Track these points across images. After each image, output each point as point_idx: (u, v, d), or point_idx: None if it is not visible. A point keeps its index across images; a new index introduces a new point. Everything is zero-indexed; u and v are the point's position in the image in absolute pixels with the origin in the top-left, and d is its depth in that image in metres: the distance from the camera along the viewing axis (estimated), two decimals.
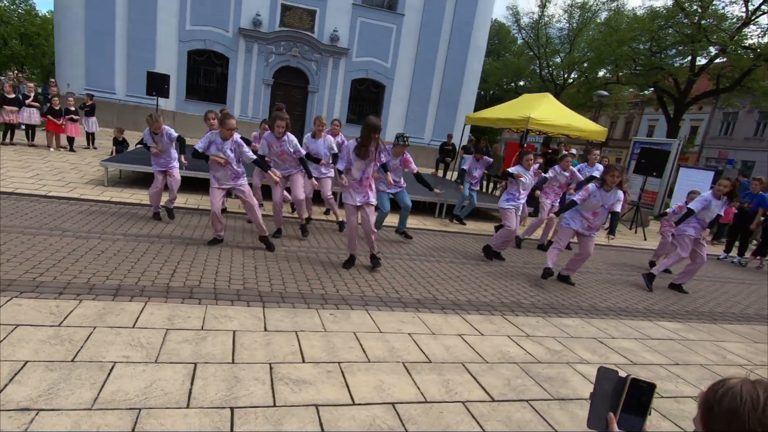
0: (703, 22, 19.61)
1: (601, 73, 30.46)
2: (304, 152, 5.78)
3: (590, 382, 3.28)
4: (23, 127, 9.63)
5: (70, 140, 10.01)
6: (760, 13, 19.24)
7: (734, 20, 19.78)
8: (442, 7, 20.49)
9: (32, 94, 9.62)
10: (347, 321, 3.67)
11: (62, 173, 7.60)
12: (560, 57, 33.31)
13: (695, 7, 19.91)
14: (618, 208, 5.23)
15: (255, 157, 5.14)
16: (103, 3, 15.92)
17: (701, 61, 22.02)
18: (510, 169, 6.45)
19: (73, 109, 9.95)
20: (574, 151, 13.41)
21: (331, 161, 6.52)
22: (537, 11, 33.34)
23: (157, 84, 11.04)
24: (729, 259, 9.84)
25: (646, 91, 29.19)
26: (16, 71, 15.61)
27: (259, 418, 2.31)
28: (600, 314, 4.88)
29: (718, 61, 21.60)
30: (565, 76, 33.31)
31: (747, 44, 19.69)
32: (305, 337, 3.27)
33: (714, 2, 19.83)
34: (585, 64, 29.19)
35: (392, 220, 7.26)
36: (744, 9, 19.71)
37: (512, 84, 39.62)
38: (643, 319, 4.97)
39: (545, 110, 11.51)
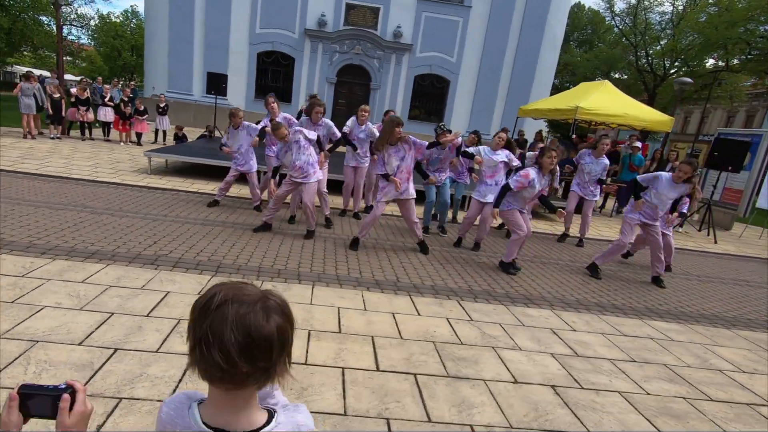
0: None
1: (710, 62, 27.32)
2: (339, 134, 6.35)
3: (506, 367, 3.16)
4: (97, 125, 11.14)
5: (138, 135, 11.39)
6: None
7: None
8: None
9: (108, 95, 11.09)
10: (285, 292, 3.86)
11: (118, 163, 8.70)
12: (661, 45, 30.21)
13: None
14: (546, 192, 5.26)
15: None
16: (185, 14, 17.72)
17: None
18: (470, 149, 6.14)
19: (142, 108, 11.29)
20: (638, 144, 12.31)
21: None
22: None
23: (216, 83, 12.08)
24: None
25: (766, 81, 25.60)
26: (84, 78, 17.88)
27: (134, 359, 2.60)
28: (580, 308, 4.55)
29: None
30: (666, 65, 30.17)
31: None
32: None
33: None
34: (690, 51, 26.19)
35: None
36: None
37: (604, 77, 36.71)
38: (634, 317, 4.54)
39: (598, 98, 10.73)
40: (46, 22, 23.99)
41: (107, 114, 11.04)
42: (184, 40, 17.96)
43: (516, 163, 6.15)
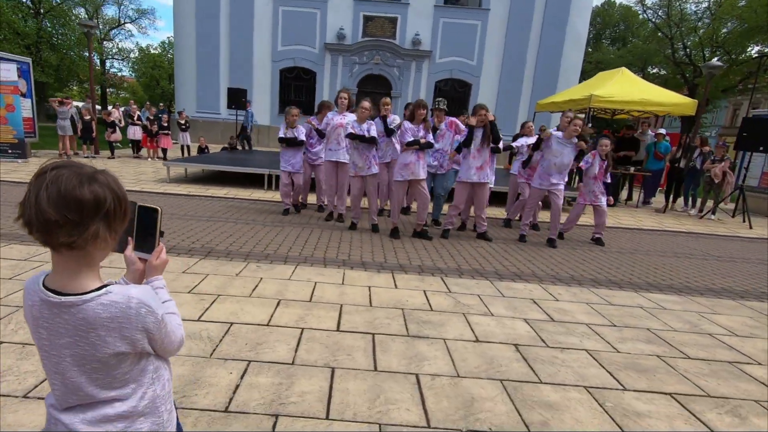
0: None
1: (754, 49, 25.99)
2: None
3: (472, 329, 3.16)
4: (116, 144, 11.89)
5: (164, 151, 12.07)
6: None
7: None
8: None
9: (136, 115, 11.87)
10: (267, 271, 4.02)
11: (142, 174, 9.25)
12: (698, 35, 28.92)
13: None
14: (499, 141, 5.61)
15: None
16: (210, 39, 18.73)
17: None
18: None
19: (166, 125, 11.99)
20: (663, 130, 11.87)
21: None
22: None
23: (236, 98, 12.65)
24: None
25: None
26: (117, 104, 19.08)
27: None
28: (572, 283, 4.45)
29: None
30: (706, 55, 28.75)
31: None
32: (212, 278, 3.72)
33: None
34: (729, 39, 25.01)
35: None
36: None
37: (640, 73, 35.36)
38: (630, 290, 4.39)
39: (614, 86, 10.46)
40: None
41: (136, 132, 11.80)
42: (211, 64, 18.93)
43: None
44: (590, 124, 10.68)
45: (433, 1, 19.75)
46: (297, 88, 20.04)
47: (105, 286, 1.00)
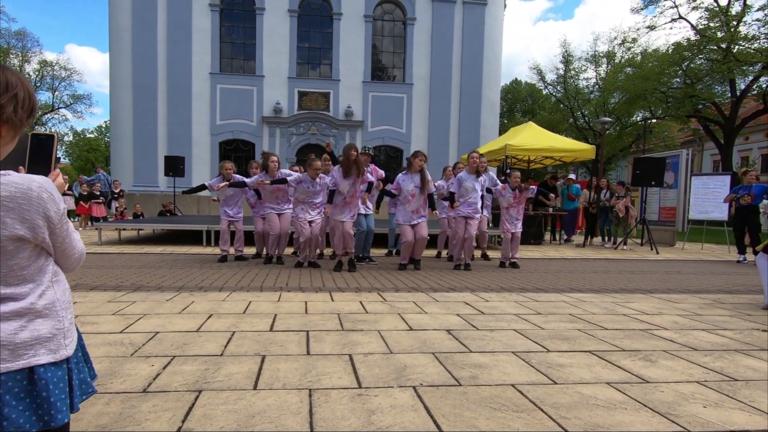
0: (733, 47, 19.06)
1: (639, 117, 29.77)
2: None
3: (406, 322, 3.22)
4: None
5: (96, 219, 11.54)
6: None
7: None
8: (448, 73, 21.61)
9: (66, 186, 11.40)
10: (200, 296, 3.91)
11: None
12: (592, 105, 32.92)
13: (720, 35, 19.59)
14: (432, 189, 6.09)
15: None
16: (148, 114, 18.80)
17: (743, 85, 21.33)
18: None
19: (98, 193, 11.59)
20: (572, 176, 13.09)
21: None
22: (561, 67, 33.86)
23: (174, 166, 12.55)
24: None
25: (691, 125, 27.83)
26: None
27: None
28: (502, 291, 4.65)
29: (764, 78, 20.53)
30: None
31: None
32: (140, 304, 3.57)
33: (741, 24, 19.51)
34: (617, 108, 28.75)
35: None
36: None
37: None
38: (555, 293, 4.65)
39: (525, 136, 11.57)
40: None
41: (66, 202, 11.25)
42: (149, 138, 18.86)
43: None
44: (508, 170, 11.53)
45: (361, 78, 21.25)
46: (236, 160, 20.16)
47: None
